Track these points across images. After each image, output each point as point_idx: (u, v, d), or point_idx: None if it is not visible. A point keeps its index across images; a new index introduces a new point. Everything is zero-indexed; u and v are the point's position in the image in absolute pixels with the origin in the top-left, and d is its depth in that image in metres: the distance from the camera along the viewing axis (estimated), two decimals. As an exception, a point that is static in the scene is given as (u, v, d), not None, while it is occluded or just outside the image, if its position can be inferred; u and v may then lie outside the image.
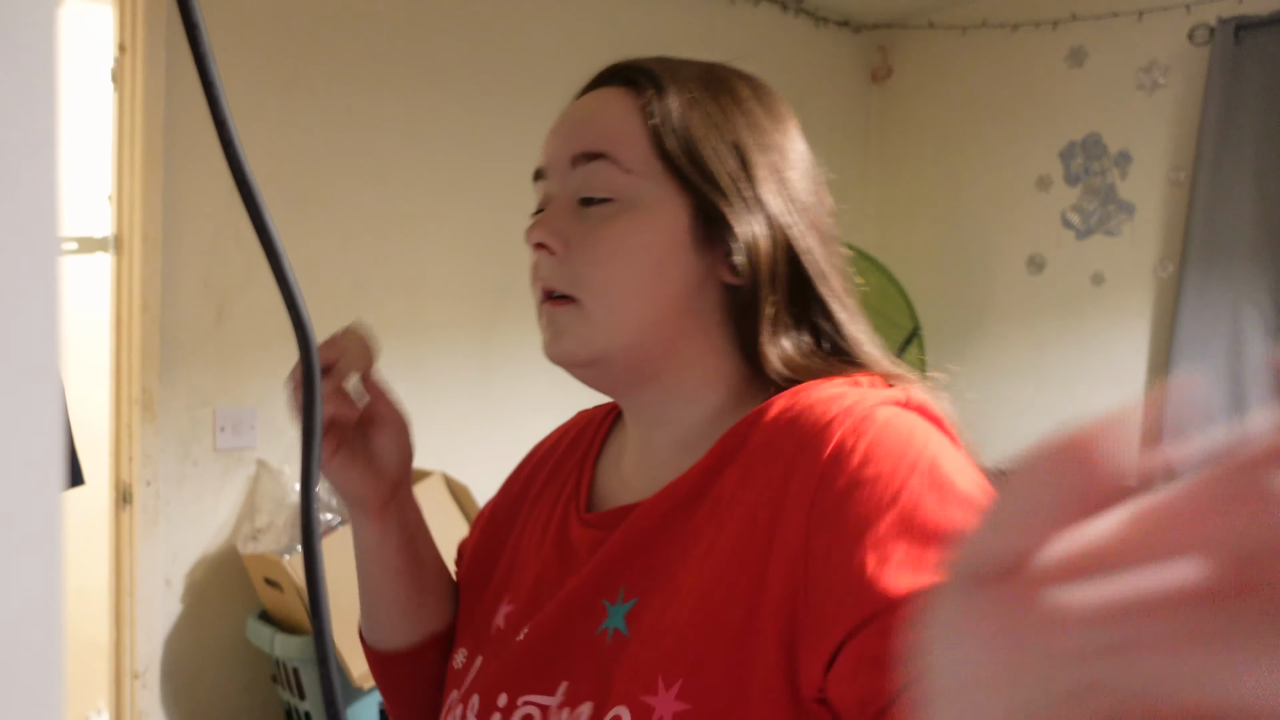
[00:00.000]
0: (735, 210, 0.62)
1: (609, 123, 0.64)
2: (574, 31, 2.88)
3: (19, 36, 0.25)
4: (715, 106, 0.64)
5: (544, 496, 0.75)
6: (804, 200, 0.66)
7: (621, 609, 0.61)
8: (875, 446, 0.54)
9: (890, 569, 0.50)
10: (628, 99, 0.65)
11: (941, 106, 3.50)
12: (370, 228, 2.47)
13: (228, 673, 2.36)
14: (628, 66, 0.67)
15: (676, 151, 0.63)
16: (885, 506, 0.52)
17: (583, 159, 0.64)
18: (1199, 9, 2.84)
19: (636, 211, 0.63)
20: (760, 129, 0.65)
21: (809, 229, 0.66)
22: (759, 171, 0.64)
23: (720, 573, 0.57)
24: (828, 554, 0.52)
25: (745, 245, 0.62)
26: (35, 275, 0.25)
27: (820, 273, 0.65)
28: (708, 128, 0.64)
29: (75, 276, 2.79)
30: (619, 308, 0.63)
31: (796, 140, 0.68)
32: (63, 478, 0.26)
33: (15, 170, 0.24)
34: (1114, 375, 3.05)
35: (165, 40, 2.19)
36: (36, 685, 0.25)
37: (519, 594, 0.70)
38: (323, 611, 0.51)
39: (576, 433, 0.78)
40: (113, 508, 2.26)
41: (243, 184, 0.38)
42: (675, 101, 0.64)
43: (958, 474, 0.55)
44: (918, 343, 3.42)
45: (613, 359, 0.64)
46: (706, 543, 0.59)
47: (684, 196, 0.63)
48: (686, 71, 0.66)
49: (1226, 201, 2.74)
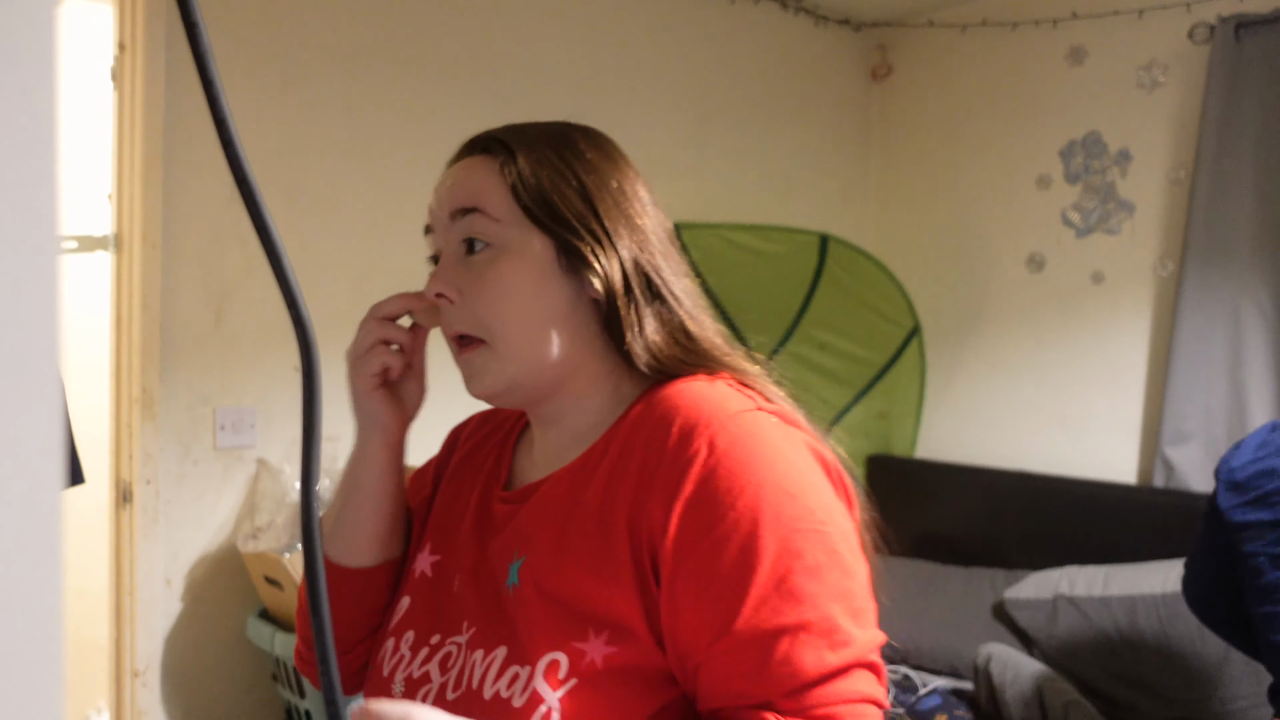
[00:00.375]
0: (586, 243, 0.76)
1: (476, 184, 0.79)
2: (574, 31, 2.88)
3: (18, 36, 0.25)
4: (559, 160, 0.79)
5: (463, 470, 0.91)
6: (644, 224, 0.80)
7: (515, 566, 0.76)
8: (726, 456, 0.69)
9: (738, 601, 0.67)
10: (488, 163, 0.80)
11: (941, 105, 3.49)
12: (370, 227, 2.47)
13: (228, 672, 2.36)
14: (483, 138, 0.82)
15: (530, 203, 0.77)
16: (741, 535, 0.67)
17: (459, 213, 0.79)
18: (1199, 7, 2.84)
19: (510, 253, 0.77)
20: (599, 172, 0.80)
21: (653, 249, 0.80)
22: (602, 207, 0.78)
23: (600, 531, 0.72)
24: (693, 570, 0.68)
25: (600, 270, 0.76)
26: (34, 274, 0.25)
27: (664, 281, 0.79)
28: (555, 179, 0.78)
29: (75, 276, 2.79)
30: (517, 339, 0.77)
31: (632, 176, 0.83)
32: (63, 477, 0.26)
33: (14, 169, 0.24)
34: (1114, 374, 3.05)
35: (165, 39, 2.19)
36: (36, 685, 0.25)
37: (444, 548, 0.85)
38: (323, 611, 0.51)
39: (495, 424, 0.95)
40: (113, 507, 2.26)
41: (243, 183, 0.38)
42: (525, 161, 0.78)
43: (798, 487, 0.69)
44: (918, 342, 3.42)
45: (521, 383, 0.78)
46: (589, 516, 0.73)
47: (545, 237, 0.77)
48: (532, 134, 0.81)
49: (1226, 200, 2.74)
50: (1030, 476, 3.00)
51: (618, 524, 0.71)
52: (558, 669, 0.69)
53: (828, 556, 0.67)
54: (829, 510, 0.70)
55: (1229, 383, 2.76)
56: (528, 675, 0.69)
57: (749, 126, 3.32)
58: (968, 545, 3.09)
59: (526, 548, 0.76)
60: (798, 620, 0.65)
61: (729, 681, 0.67)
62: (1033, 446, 3.21)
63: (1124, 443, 3.01)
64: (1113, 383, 3.05)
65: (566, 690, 0.68)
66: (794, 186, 3.45)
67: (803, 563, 0.66)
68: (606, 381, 0.81)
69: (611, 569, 0.70)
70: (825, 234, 3.25)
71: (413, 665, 0.79)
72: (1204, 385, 2.78)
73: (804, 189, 3.48)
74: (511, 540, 0.78)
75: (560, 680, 0.68)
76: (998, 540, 3.03)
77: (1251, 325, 2.72)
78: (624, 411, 0.79)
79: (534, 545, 0.76)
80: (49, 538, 0.26)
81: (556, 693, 0.68)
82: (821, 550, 0.67)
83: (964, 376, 3.42)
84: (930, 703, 2.49)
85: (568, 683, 0.68)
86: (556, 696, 0.68)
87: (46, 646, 0.26)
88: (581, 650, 0.69)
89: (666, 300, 0.79)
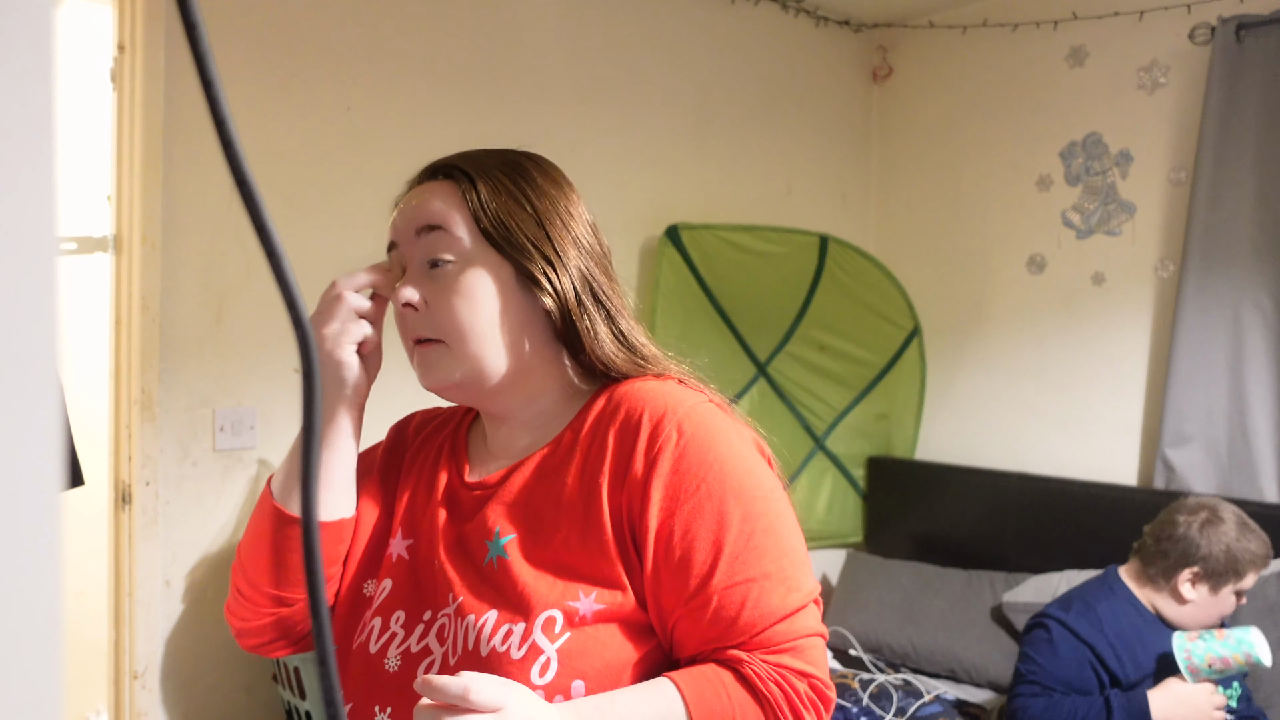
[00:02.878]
0: (538, 264, 0.86)
1: (440, 205, 0.88)
2: (574, 32, 2.88)
3: (18, 37, 0.25)
4: (515, 188, 0.88)
5: (419, 463, 0.98)
6: (589, 245, 0.90)
7: (500, 542, 0.85)
8: (692, 440, 0.82)
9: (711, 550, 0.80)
10: (451, 188, 0.89)
11: (942, 106, 3.50)
12: (370, 227, 2.47)
13: (228, 673, 2.36)
14: (445, 165, 0.91)
15: (490, 228, 0.87)
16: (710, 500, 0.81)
17: (425, 230, 0.88)
18: (1200, 8, 2.84)
19: (472, 269, 0.86)
20: (550, 197, 0.89)
21: (595, 266, 0.90)
22: (553, 231, 0.88)
23: (584, 506, 0.83)
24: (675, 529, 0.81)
25: (551, 288, 0.86)
26: (33, 275, 0.25)
27: (606, 296, 0.89)
28: (511, 205, 0.87)
29: (75, 276, 2.79)
30: (471, 344, 0.86)
31: (576, 200, 0.92)
32: (62, 478, 0.26)
33: (13, 171, 0.24)
34: (1114, 375, 3.05)
35: (164, 40, 2.19)
36: (35, 686, 0.25)
37: (415, 533, 0.93)
38: (322, 612, 0.51)
39: (439, 421, 1.03)
40: (112, 508, 2.26)
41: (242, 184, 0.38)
42: (484, 188, 0.88)
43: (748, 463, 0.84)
44: (918, 343, 3.42)
45: (471, 381, 0.87)
46: (570, 495, 0.84)
47: (501, 257, 0.87)
48: (489, 162, 0.90)
49: (1227, 201, 2.74)
50: (1030, 478, 3.00)
51: (597, 501, 0.83)
52: (554, 624, 0.79)
53: (776, 519, 0.82)
54: (771, 482, 0.85)
55: (1229, 384, 2.76)
56: (523, 630, 0.80)
57: (749, 127, 3.32)
58: (967, 547, 3.09)
59: (512, 527, 0.86)
60: (762, 572, 0.80)
61: (707, 628, 0.80)
62: (1033, 448, 3.21)
63: (1124, 444, 3.01)
64: (1113, 384, 3.05)
65: (562, 642, 0.79)
66: (794, 187, 3.45)
67: (760, 524, 0.81)
68: (557, 382, 0.91)
69: (596, 540, 0.82)
70: (825, 235, 3.25)
71: (409, 640, 0.87)
72: (1204, 386, 2.78)
73: (804, 190, 3.48)
74: (490, 521, 0.87)
75: (556, 634, 0.79)
76: (998, 542, 3.03)
77: (1252, 326, 2.72)
78: (582, 406, 0.90)
79: (519, 524, 0.86)
80: (48, 539, 0.25)
81: (554, 644, 0.79)
82: (772, 514, 0.82)
83: (964, 378, 3.42)
84: (931, 710, 2.49)
85: (562, 635, 0.79)
86: (554, 648, 0.79)
87: (46, 648, 0.25)
88: (574, 608, 0.80)
89: (609, 312, 0.90)
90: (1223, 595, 1.88)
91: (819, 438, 3.33)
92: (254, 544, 0.93)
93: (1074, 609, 1.93)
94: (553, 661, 0.78)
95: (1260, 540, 1.87)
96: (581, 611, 0.80)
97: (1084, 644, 1.86)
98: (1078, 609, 1.92)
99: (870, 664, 2.77)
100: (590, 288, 0.89)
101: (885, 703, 2.53)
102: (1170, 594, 1.91)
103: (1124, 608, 1.92)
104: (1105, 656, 1.85)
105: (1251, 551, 1.86)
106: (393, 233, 0.91)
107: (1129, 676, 1.85)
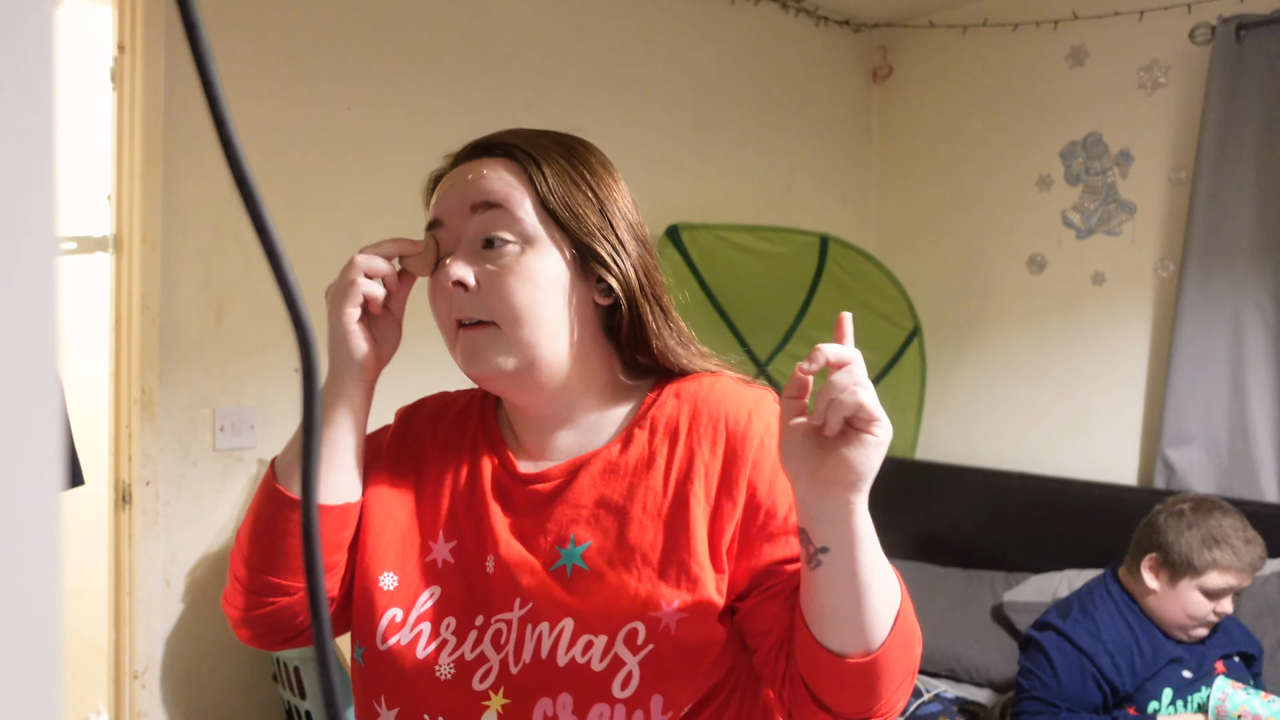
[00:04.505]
0: (604, 250, 0.83)
1: (500, 182, 0.83)
2: (574, 32, 2.88)
3: (18, 37, 0.25)
4: (575, 173, 0.85)
5: (448, 459, 0.92)
6: (643, 235, 0.88)
7: (577, 551, 0.82)
8: (769, 434, 0.83)
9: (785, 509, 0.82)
10: (512, 165, 0.84)
11: (942, 106, 3.49)
12: (370, 228, 2.47)
13: (228, 673, 2.36)
14: (502, 143, 0.86)
15: (557, 208, 0.83)
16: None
17: (482, 207, 0.83)
18: (1200, 8, 2.84)
19: (532, 251, 0.82)
20: (607, 185, 0.87)
21: (649, 255, 0.88)
22: (614, 218, 0.85)
23: (672, 512, 0.81)
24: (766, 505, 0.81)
25: (617, 274, 0.84)
26: (33, 275, 0.25)
27: (662, 288, 0.88)
28: (575, 189, 0.84)
29: (75, 276, 2.79)
30: (528, 328, 0.82)
31: (626, 190, 0.90)
32: (62, 478, 0.26)
33: (13, 170, 0.24)
34: (1114, 375, 3.05)
35: (165, 40, 2.19)
36: (35, 687, 0.25)
37: (459, 534, 0.88)
38: (322, 611, 0.51)
39: (458, 409, 0.97)
40: (112, 508, 2.26)
41: (242, 184, 0.38)
42: (549, 170, 0.84)
43: None
44: (918, 343, 3.42)
45: (524, 369, 0.83)
46: (645, 493, 0.83)
47: (565, 240, 0.83)
48: (547, 143, 0.86)
49: (1227, 201, 2.74)
50: (1031, 478, 3.00)
51: (686, 506, 0.81)
52: (636, 636, 0.77)
53: None
54: None
55: (1230, 384, 2.75)
56: (605, 643, 0.78)
57: (749, 127, 3.32)
58: (968, 547, 3.09)
59: (588, 532, 0.83)
60: None
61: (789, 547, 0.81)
62: (1033, 448, 3.20)
63: (1125, 444, 3.01)
64: (1113, 384, 3.05)
65: (645, 654, 0.77)
66: (794, 187, 3.45)
67: None
68: (601, 378, 0.88)
69: (685, 544, 0.80)
70: (825, 235, 3.25)
71: (463, 648, 0.83)
72: (1205, 386, 2.78)
73: (804, 190, 3.48)
74: (561, 525, 0.84)
75: (639, 646, 0.77)
76: (998, 542, 3.03)
77: (1252, 326, 2.72)
78: (640, 402, 0.89)
79: (595, 529, 0.83)
80: (48, 540, 0.25)
81: (636, 657, 0.77)
82: None
83: (964, 377, 3.42)
84: (931, 709, 2.49)
85: (645, 648, 0.77)
86: (636, 660, 0.77)
87: (46, 648, 0.25)
88: (657, 618, 0.78)
89: (664, 306, 0.88)
90: (1182, 590, 1.81)
91: (819, 438, 3.33)
92: (253, 527, 0.88)
93: (1072, 615, 1.91)
94: (635, 674, 0.77)
95: (1235, 550, 1.78)
96: (665, 622, 0.78)
97: (1083, 654, 1.84)
98: (1075, 615, 1.90)
99: (870, 664, 2.77)
100: (650, 274, 0.87)
101: (885, 702, 2.53)
102: (1141, 582, 1.88)
103: (1121, 611, 1.90)
104: (1104, 667, 1.83)
105: (1212, 554, 1.77)
106: (438, 209, 0.86)
107: (1125, 686, 1.83)
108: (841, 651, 0.71)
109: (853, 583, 0.69)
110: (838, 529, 0.68)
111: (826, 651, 0.72)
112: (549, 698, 0.78)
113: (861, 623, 0.70)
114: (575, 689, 0.77)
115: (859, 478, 0.67)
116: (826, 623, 0.72)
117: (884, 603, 0.71)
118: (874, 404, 0.66)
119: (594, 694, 0.77)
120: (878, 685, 0.72)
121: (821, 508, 0.68)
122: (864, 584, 0.70)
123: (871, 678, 0.72)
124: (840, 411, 0.66)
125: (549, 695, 0.78)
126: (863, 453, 0.66)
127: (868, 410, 0.66)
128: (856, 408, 0.66)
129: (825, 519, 0.68)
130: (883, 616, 0.71)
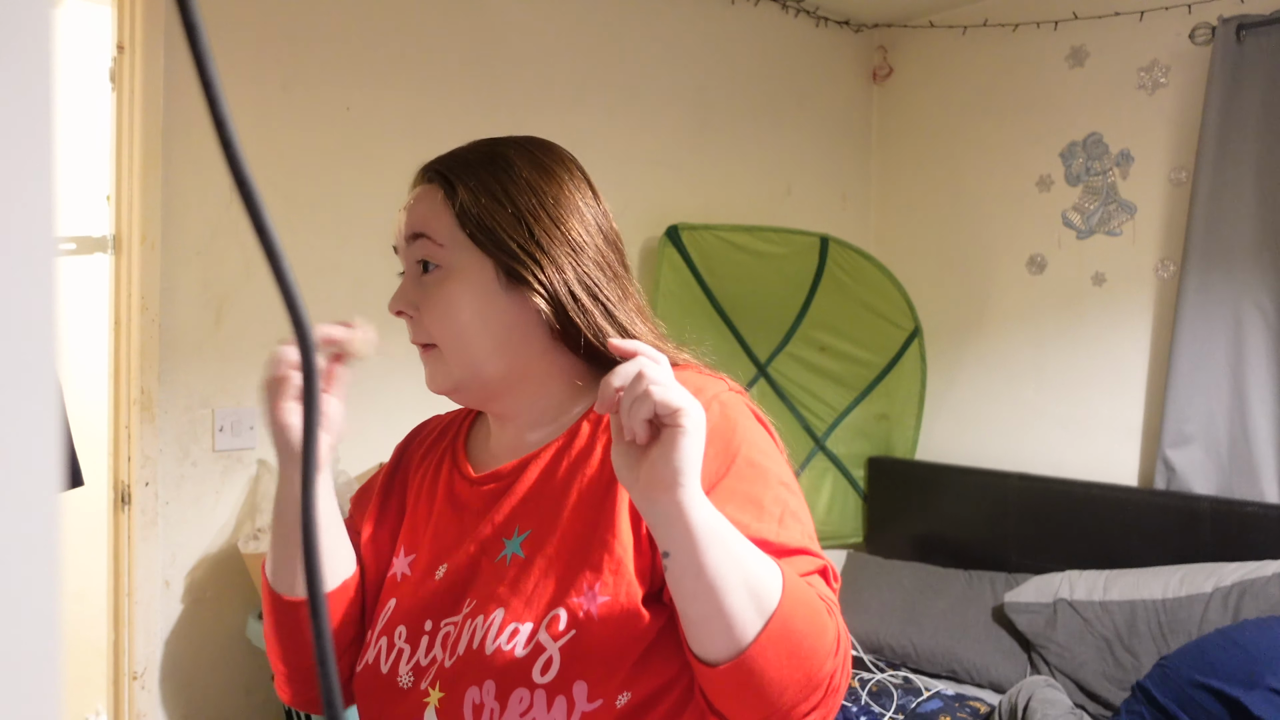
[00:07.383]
0: (525, 265, 0.84)
1: (424, 211, 0.88)
2: (574, 32, 2.88)
3: (17, 37, 0.25)
4: (497, 186, 0.86)
5: (420, 474, 0.98)
6: (581, 237, 0.87)
7: (518, 540, 0.85)
8: (725, 419, 0.81)
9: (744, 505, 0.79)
10: (435, 192, 0.88)
11: (942, 106, 3.49)
12: (370, 228, 2.47)
13: (227, 673, 2.36)
14: (430, 168, 0.91)
15: (474, 229, 0.85)
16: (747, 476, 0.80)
17: (412, 237, 0.88)
18: (1200, 8, 2.84)
19: (454, 275, 0.86)
20: (537, 190, 0.87)
21: (591, 258, 0.87)
22: (539, 228, 0.85)
23: (603, 497, 0.82)
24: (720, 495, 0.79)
25: (541, 288, 0.84)
26: (33, 275, 0.25)
27: (600, 288, 0.87)
28: (494, 205, 0.85)
29: (74, 277, 2.79)
30: (459, 348, 0.86)
31: (571, 188, 0.89)
32: (61, 479, 0.26)
33: (12, 170, 0.24)
34: (1114, 375, 3.05)
35: (164, 40, 2.19)
36: (35, 688, 0.25)
37: (418, 546, 0.92)
38: (322, 611, 0.51)
39: (441, 429, 1.03)
40: (111, 509, 2.26)
41: (242, 184, 0.38)
42: (465, 191, 0.86)
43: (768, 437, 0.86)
44: (918, 343, 3.42)
45: (468, 383, 0.88)
46: (580, 485, 0.84)
47: (487, 259, 0.85)
48: (472, 159, 0.89)
49: (1227, 201, 2.74)
50: (1031, 478, 3.00)
51: (615, 487, 0.82)
52: (558, 622, 0.78)
53: (792, 479, 0.85)
54: (782, 453, 0.88)
55: (1230, 384, 2.75)
56: (529, 630, 0.79)
57: (749, 127, 3.32)
58: (968, 548, 3.09)
59: (528, 522, 0.85)
60: (793, 513, 0.80)
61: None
62: (1033, 448, 3.21)
63: (1125, 445, 3.01)
64: (1114, 384, 3.05)
65: (566, 640, 0.78)
66: (794, 188, 3.45)
67: (782, 479, 0.83)
68: (560, 378, 0.90)
69: (608, 523, 0.81)
70: (825, 235, 3.25)
71: (417, 654, 0.85)
72: (1205, 387, 2.78)
73: (804, 190, 3.48)
74: (506, 516, 0.87)
75: (561, 632, 0.78)
76: (998, 542, 3.03)
77: (1253, 327, 2.72)
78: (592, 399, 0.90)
79: (534, 518, 0.85)
80: (47, 540, 0.25)
81: (557, 643, 0.78)
82: (788, 475, 0.84)
83: (965, 378, 3.42)
84: (931, 706, 2.49)
85: (567, 633, 0.78)
86: (557, 646, 0.78)
87: (45, 649, 0.25)
88: (578, 604, 0.79)
89: (607, 305, 0.88)
90: None
91: (819, 438, 3.33)
92: (273, 632, 0.93)
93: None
94: (555, 660, 0.77)
95: None
96: (586, 608, 0.78)
97: None
98: None
99: (871, 664, 2.77)
100: (584, 284, 0.86)
101: (885, 701, 2.53)
102: None
103: None
104: None
105: None
106: (395, 237, 0.92)
107: None
108: (705, 657, 0.69)
109: (699, 584, 0.67)
110: (673, 531, 0.67)
111: (696, 659, 0.71)
112: (476, 685, 0.79)
113: (719, 626, 0.68)
114: (497, 675, 0.78)
115: (676, 473, 0.65)
116: (689, 628, 0.70)
117: (746, 603, 0.67)
118: (669, 396, 0.65)
119: (514, 680, 0.77)
120: (762, 691, 0.69)
121: (654, 512, 0.67)
122: (714, 586, 0.67)
123: (746, 684, 0.68)
124: (639, 416, 0.65)
125: (476, 683, 0.79)
126: (676, 448, 0.65)
127: (665, 405, 0.65)
128: (651, 409, 0.65)
129: (660, 523, 0.67)
130: (746, 618, 0.67)
